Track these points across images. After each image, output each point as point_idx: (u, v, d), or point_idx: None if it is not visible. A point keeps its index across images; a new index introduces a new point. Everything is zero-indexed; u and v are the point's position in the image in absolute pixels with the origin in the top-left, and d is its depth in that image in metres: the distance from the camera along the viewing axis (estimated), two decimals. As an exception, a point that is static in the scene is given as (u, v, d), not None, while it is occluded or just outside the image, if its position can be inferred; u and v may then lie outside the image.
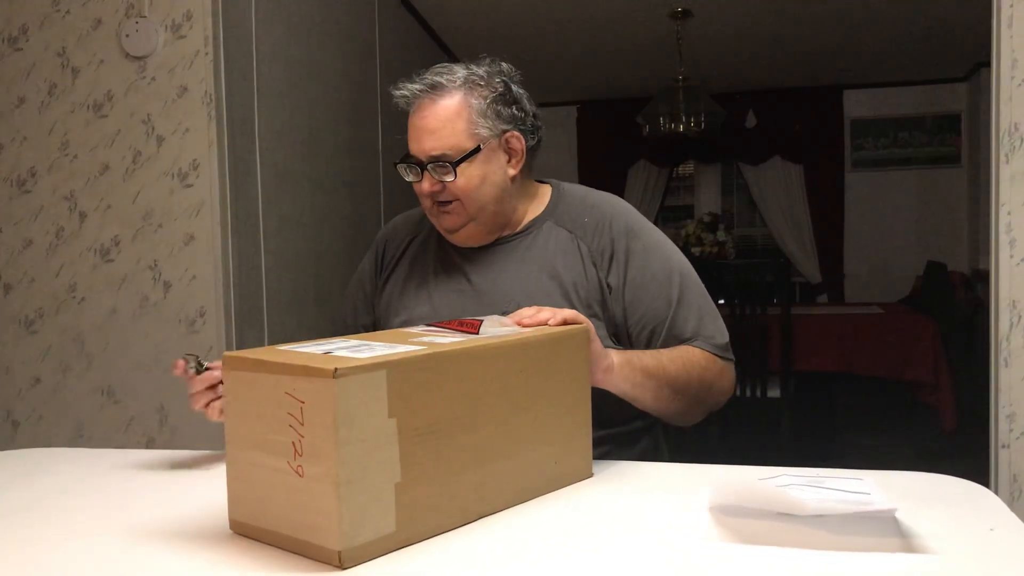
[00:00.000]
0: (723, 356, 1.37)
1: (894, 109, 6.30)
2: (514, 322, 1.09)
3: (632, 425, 1.39)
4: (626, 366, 1.21)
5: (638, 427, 1.40)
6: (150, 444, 2.49)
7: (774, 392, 3.48)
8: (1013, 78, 2.09)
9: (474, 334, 1.02)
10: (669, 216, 6.92)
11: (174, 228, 2.47)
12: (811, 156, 6.41)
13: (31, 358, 2.56)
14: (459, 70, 1.35)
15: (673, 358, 1.30)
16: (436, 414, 0.89)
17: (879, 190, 6.37)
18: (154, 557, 0.88)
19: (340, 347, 0.92)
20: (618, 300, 1.35)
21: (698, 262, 3.56)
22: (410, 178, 1.37)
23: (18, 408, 2.57)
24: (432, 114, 1.32)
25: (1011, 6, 2.08)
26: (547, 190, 1.47)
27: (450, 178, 1.32)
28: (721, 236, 4.70)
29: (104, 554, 0.90)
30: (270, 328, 2.72)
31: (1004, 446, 2.11)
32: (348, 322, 1.55)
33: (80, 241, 2.52)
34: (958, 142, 6.22)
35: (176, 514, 1.02)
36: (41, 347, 2.55)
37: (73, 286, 2.52)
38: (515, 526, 0.94)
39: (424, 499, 0.88)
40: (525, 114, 1.38)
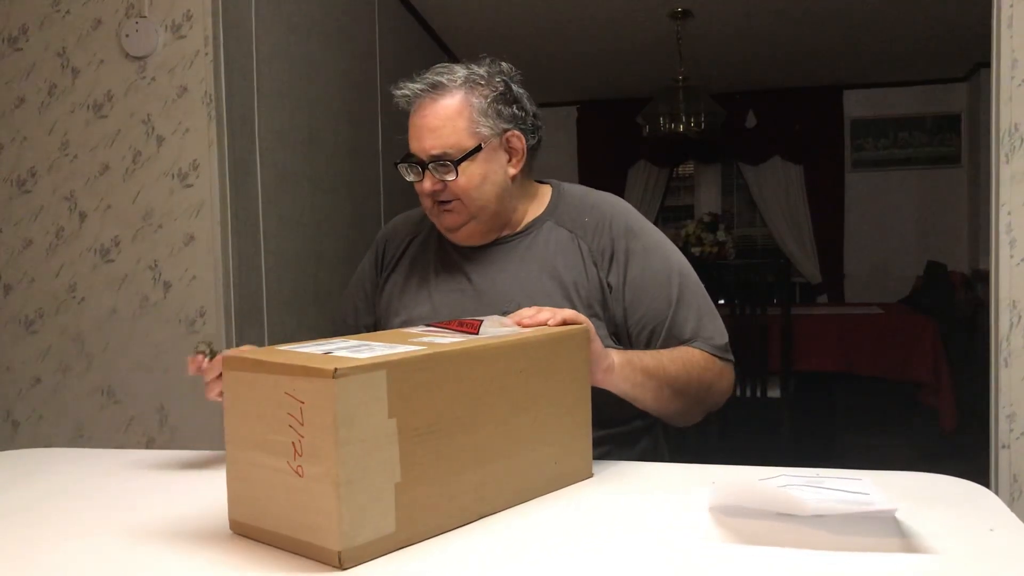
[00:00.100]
0: (722, 357, 1.38)
1: (894, 109, 6.30)
2: (514, 322, 1.09)
3: (632, 425, 1.39)
4: (626, 366, 1.22)
5: (638, 427, 1.40)
6: (150, 444, 2.49)
7: (774, 392, 3.48)
8: (1013, 78, 2.09)
9: (474, 334, 1.02)
10: (669, 216, 6.92)
11: (174, 228, 2.47)
12: (811, 156, 6.41)
13: (31, 358, 2.56)
14: (460, 70, 1.35)
15: (673, 358, 1.30)
16: (436, 414, 0.89)
17: (879, 190, 6.37)
18: (154, 557, 0.88)
19: (340, 347, 0.92)
20: (618, 300, 1.35)
21: (698, 262, 3.57)
22: (411, 177, 1.37)
23: (18, 408, 2.57)
24: (433, 113, 1.32)
25: (1011, 6, 2.08)
26: (547, 190, 1.47)
27: (451, 177, 1.32)
28: (721, 236, 4.70)
29: (104, 554, 0.90)
30: (270, 328, 2.72)
31: (1004, 446, 2.10)
32: (348, 322, 1.55)
33: (80, 241, 2.52)
34: (958, 142, 6.22)
35: (176, 514, 1.02)
36: (41, 347, 2.55)
37: (73, 286, 2.52)
38: (515, 526, 0.94)
39: (424, 499, 0.88)
40: (525, 113, 1.39)
